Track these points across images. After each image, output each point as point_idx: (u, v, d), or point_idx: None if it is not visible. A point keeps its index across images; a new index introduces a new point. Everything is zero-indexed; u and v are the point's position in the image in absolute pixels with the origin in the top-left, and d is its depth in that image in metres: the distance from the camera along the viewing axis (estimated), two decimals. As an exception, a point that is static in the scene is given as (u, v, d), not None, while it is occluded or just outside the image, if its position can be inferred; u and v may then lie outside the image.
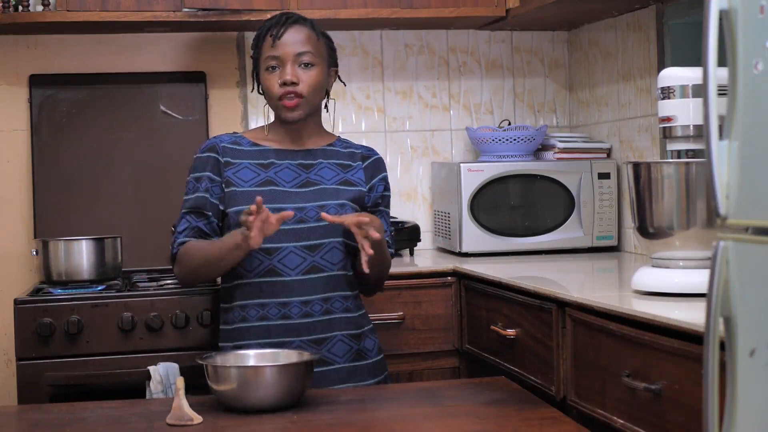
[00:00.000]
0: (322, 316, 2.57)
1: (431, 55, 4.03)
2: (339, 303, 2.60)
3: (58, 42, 3.77)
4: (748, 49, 1.60)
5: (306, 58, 2.59)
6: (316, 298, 2.57)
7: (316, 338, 2.56)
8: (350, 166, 2.68)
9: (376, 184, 2.71)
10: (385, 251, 2.59)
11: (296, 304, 2.55)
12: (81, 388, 3.03)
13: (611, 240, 3.63)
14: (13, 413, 2.49)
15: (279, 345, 2.52)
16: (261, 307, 2.57)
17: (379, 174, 2.73)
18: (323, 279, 2.58)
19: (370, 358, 2.66)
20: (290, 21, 2.62)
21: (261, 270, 2.56)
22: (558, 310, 2.54)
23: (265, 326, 2.56)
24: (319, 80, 2.61)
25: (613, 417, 2.24)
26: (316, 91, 2.62)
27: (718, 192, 1.64)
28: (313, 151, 2.67)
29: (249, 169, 2.62)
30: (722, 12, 1.64)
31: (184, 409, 2.10)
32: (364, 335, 2.66)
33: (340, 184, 2.64)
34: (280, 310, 2.56)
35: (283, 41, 2.59)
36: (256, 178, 2.61)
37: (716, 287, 1.63)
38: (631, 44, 3.56)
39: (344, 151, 2.71)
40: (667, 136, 2.37)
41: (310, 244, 2.57)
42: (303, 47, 2.59)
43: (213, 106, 3.86)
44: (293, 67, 2.58)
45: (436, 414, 2.20)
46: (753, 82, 1.59)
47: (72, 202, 3.66)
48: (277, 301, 2.56)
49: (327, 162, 2.66)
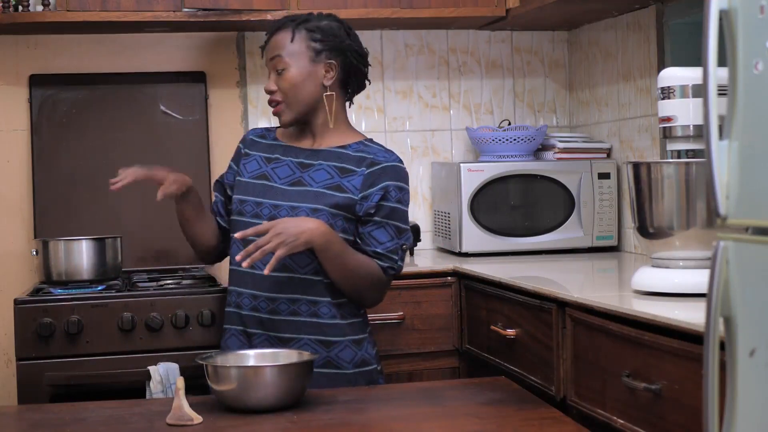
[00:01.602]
0: (288, 316, 2.57)
1: (431, 55, 4.03)
2: (306, 307, 2.56)
3: (58, 42, 3.77)
4: (748, 49, 1.60)
5: (278, 63, 2.61)
6: (282, 297, 2.57)
7: (283, 336, 2.58)
8: (351, 172, 2.58)
9: (372, 193, 2.56)
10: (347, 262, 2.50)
11: (263, 299, 2.58)
12: (81, 388, 3.03)
13: (611, 240, 3.63)
14: (13, 413, 2.49)
15: (248, 336, 2.60)
16: (238, 295, 2.63)
17: (381, 182, 2.56)
18: (289, 279, 2.56)
19: (345, 369, 2.57)
20: (275, 28, 2.64)
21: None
22: (558, 310, 2.54)
23: (240, 314, 2.62)
24: (296, 80, 2.59)
25: (613, 417, 2.24)
26: (294, 91, 2.59)
27: (718, 192, 1.64)
28: (319, 151, 2.64)
29: (256, 161, 2.69)
30: (722, 12, 1.64)
31: (184, 409, 2.10)
32: (339, 345, 2.58)
33: (328, 188, 2.57)
34: (251, 301, 2.60)
35: (265, 51, 2.65)
36: (257, 170, 2.67)
37: (716, 287, 1.63)
38: (631, 44, 3.56)
39: (353, 155, 2.60)
40: (667, 136, 2.37)
41: None
42: (273, 52, 2.62)
43: (213, 106, 3.86)
44: (271, 75, 2.63)
45: (436, 414, 2.20)
46: (753, 82, 1.59)
47: (72, 202, 3.66)
48: (249, 292, 2.60)
49: (327, 164, 2.61)
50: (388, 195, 2.57)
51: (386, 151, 2.63)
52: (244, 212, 2.62)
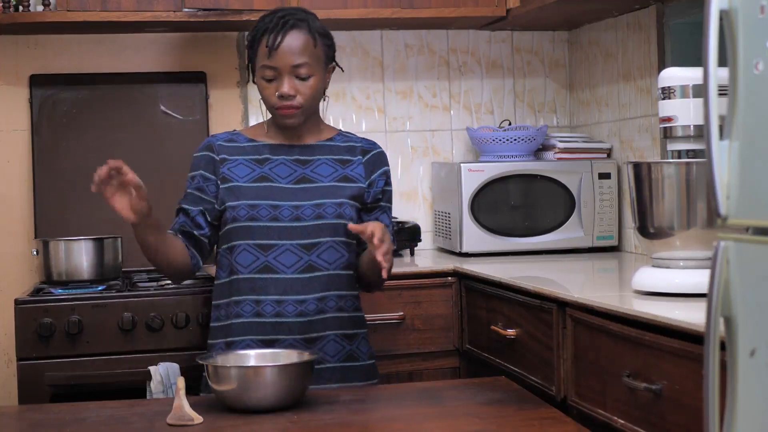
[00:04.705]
0: (316, 316, 2.54)
1: (431, 55, 4.03)
2: (333, 302, 2.56)
3: (59, 42, 3.77)
4: (749, 49, 1.60)
5: (303, 70, 2.52)
6: (311, 298, 2.53)
7: (309, 337, 2.54)
8: (349, 161, 2.63)
9: (376, 179, 2.65)
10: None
11: (291, 302, 2.53)
12: (81, 388, 3.03)
13: (612, 240, 3.63)
14: (14, 413, 2.49)
15: (271, 342, 2.51)
16: (256, 303, 2.54)
17: (380, 168, 2.66)
18: (319, 278, 2.55)
19: (363, 361, 2.62)
20: (287, 27, 2.52)
21: (256, 266, 2.54)
22: (558, 310, 2.54)
23: (260, 323, 2.53)
24: (317, 89, 2.56)
25: (613, 417, 2.24)
26: (314, 99, 2.57)
27: (719, 192, 1.64)
28: (311, 146, 2.63)
29: (244, 165, 2.59)
30: (722, 12, 1.64)
31: (184, 409, 2.10)
32: (358, 337, 2.63)
33: (339, 180, 2.60)
34: (274, 307, 2.53)
35: (279, 52, 2.50)
36: (251, 173, 2.58)
37: (717, 287, 1.63)
38: (632, 44, 3.56)
39: (343, 146, 2.65)
40: (667, 136, 2.37)
41: (307, 243, 2.54)
42: (300, 58, 2.51)
43: (213, 106, 3.86)
44: (290, 80, 2.51)
45: (436, 414, 2.19)
46: (753, 82, 1.59)
47: (72, 202, 3.66)
48: (272, 299, 2.53)
49: (325, 158, 2.62)
50: (387, 180, 2.68)
51: (366, 138, 2.73)
52: (258, 217, 2.54)
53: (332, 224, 2.54)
